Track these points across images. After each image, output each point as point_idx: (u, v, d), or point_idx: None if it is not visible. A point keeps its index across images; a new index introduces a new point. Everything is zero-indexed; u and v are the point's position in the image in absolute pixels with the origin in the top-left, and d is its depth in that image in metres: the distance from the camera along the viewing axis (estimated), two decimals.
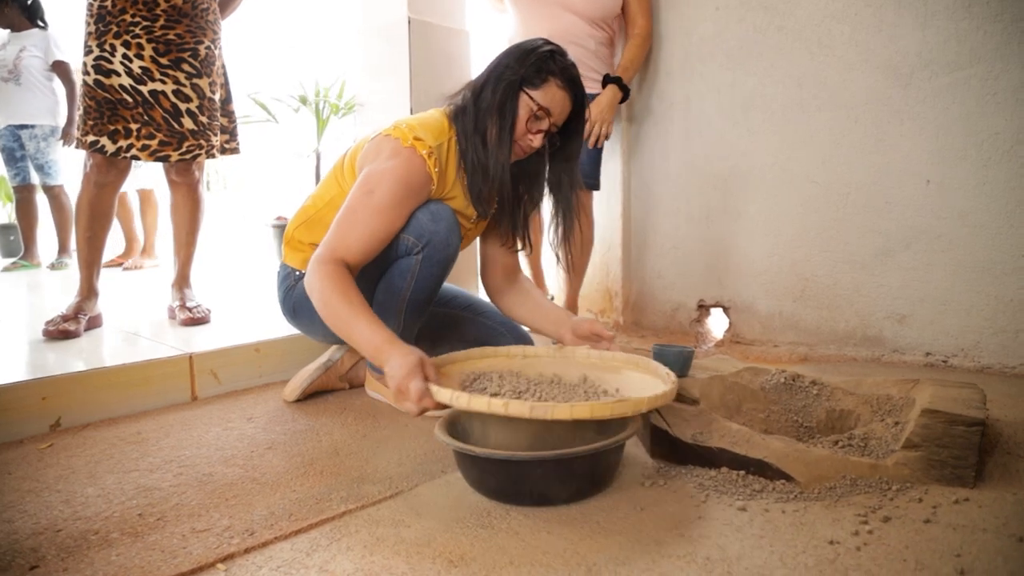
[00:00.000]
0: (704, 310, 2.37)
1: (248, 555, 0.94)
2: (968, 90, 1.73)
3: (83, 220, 1.89)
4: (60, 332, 1.81)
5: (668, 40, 2.32)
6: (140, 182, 3.89)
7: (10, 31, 3.77)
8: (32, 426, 1.41)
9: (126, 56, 1.81)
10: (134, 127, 1.84)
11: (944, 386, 1.26)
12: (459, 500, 1.08)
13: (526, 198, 1.53)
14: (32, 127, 3.82)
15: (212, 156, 2.01)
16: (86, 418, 1.48)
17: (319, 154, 2.53)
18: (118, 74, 1.82)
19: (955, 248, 1.80)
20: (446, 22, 2.22)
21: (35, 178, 3.96)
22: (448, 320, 1.72)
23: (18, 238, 4.32)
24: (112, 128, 1.82)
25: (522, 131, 1.37)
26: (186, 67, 1.88)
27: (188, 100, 1.90)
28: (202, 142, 1.95)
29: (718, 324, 2.37)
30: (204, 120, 1.94)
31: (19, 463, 1.27)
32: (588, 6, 2.13)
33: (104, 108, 1.82)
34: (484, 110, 1.37)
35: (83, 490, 1.14)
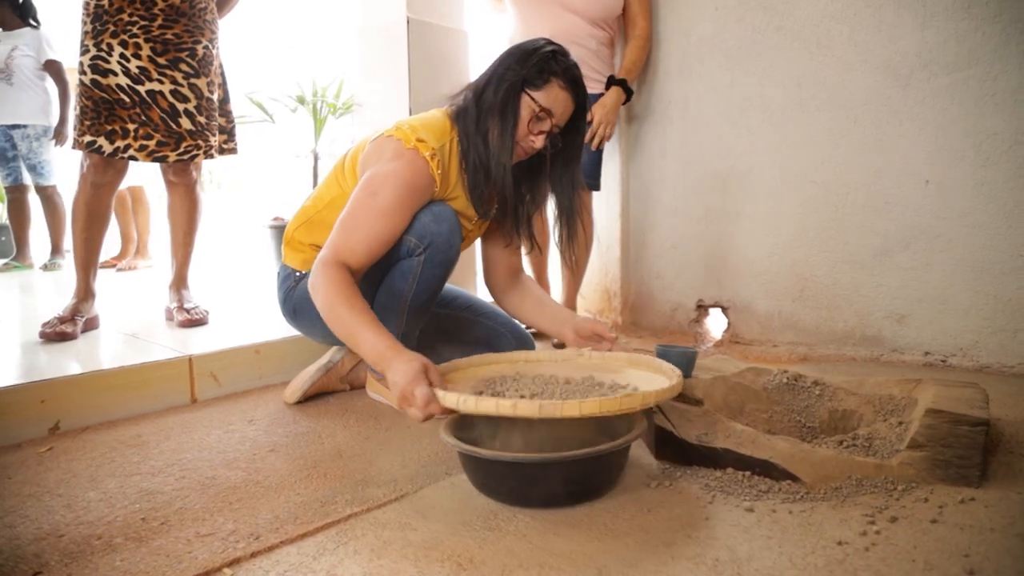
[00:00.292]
0: (703, 310, 2.37)
1: (254, 559, 0.93)
2: (967, 91, 1.74)
3: (80, 221, 1.88)
4: (57, 334, 1.79)
5: (667, 40, 2.32)
6: (129, 179, 3.85)
7: (2, 30, 3.74)
8: (31, 429, 1.39)
9: (123, 56, 1.80)
10: (131, 127, 1.83)
11: (947, 386, 1.26)
12: (465, 502, 1.08)
13: (528, 199, 1.52)
14: (24, 127, 3.79)
15: (210, 156, 2.00)
16: (85, 421, 1.46)
17: (316, 154, 2.52)
18: (115, 74, 1.80)
19: (954, 248, 1.81)
20: (445, 22, 2.22)
21: (27, 178, 3.93)
22: (449, 321, 1.72)
23: (10, 239, 4.28)
24: (109, 128, 1.81)
25: (524, 132, 1.37)
26: (184, 67, 1.87)
27: (186, 100, 1.88)
28: (200, 142, 1.94)
29: (717, 324, 2.37)
30: (202, 120, 1.93)
31: (19, 467, 1.25)
32: (589, 6, 2.12)
33: (101, 108, 1.80)
34: (486, 111, 1.37)
35: (84, 494, 1.13)
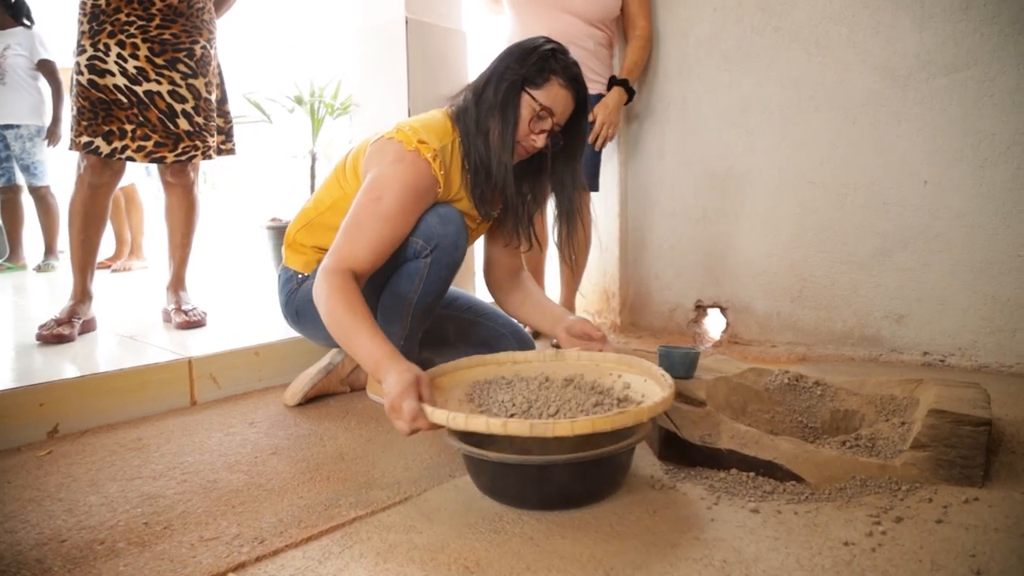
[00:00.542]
0: (701, 310, 2.37)
1: (259, 564, 0.92)
2: (965, 92, 1.75)
3: (77, 222, 1.86)
4: (54, 336, 1.78)
5: (665, 41, 2.32)
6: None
7: None
8: (30, 433, 1.38)
9: (120, 56, 1.78)
10: (129, 128, 1.81)
11: (948, 386, 1.27)
12: (469, 505, 1.08)
13: (529, 198, 1.52)
14: (17, 127, 3.76)
15: (208, 157, 1.98)
16: (84, 424, 1.45)
17: (314, 155, 2.51)
18: (112, 74, 1.79)
19: (952, 248, 1.81)
20: (443, 22, 2.21)
21: (20, 179, 3.90)
22: (451, 323, 1.72)
23: (3, 240, 4.25)
24: (107, 129, 1.79)
25: (525, 131, 1.36)
26: (182, 67, 1.86)
27: (184, 101, 1.87)
28: (198, 143, 1.92)
29: (715, 324, 2.38)
30: (200, 121, 1.92)
31: (18, 471, 1.24)
32: (586, 7, 2.12)
33: (98, 108, 1.79)
34: (486, 111, 1.36)
35: (86, 498, 1.12)
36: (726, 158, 2.22)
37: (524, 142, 1.38)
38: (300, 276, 1.54)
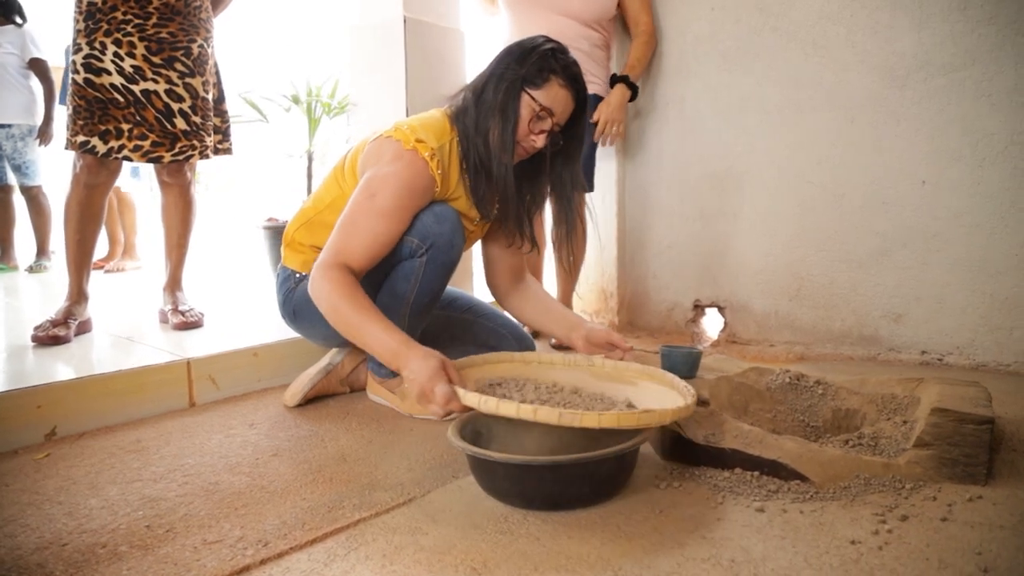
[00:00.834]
0: (699, 310, 2.38)
1: (264, 567, 0.91)
2: (963, 91, 1.76)
3: (72, 222, 1.84)
4: (50, 338, 1.76)
5: (663, 40, 2.32)
6: None
7: None
8: (27, 435, 1.36)
9: (117, 54, 1.77)
10: (126, 127, 1.80)
11: (950, 384, 1.27)
12: (474, 505, 1.07)
13: (529, 198, 1.51)
14: (8, 127, 3.72)
15: (205, 157, 1.97)
16: (82, 426, 1.44)
17: (311, 154, 2.50)
18: (109, 73, 1.77)
19: (950, 247, 1.82)
20: (442, 21, 2.20)
21: (12, 179, 3.86)
22: (450, 323, 1.71)
23: None
24: (103, 128, 1.77)
25: (524, 132, 1.36)
26: (179, 66, 1.84)
27: (181, 100, 1.86)
28: (195, 142, 1.91)
29: (713, 324, 2.38)
30: (197, 120, 1.90)
31: (16, 474, 1.23)
32: (582, 9, 2.11)
33: (95, 108, 1.77)
34: (485, 111, 1.36)
35: (86, 501, 1.11)
36: (725, 158, 2.22)
37: (524, 142, 1.37)
38: (298, 275, 1.53)
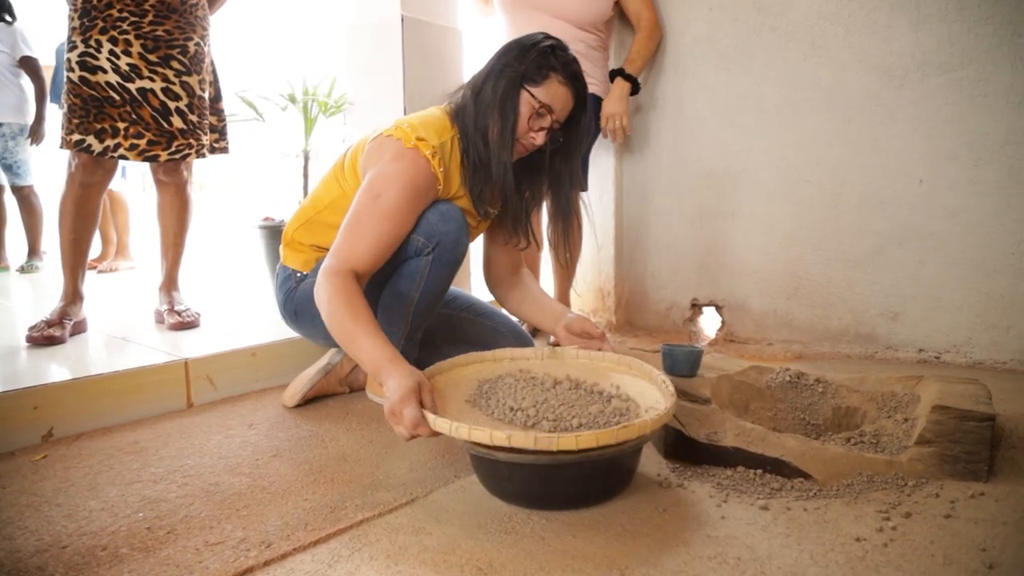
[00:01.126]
0: (697, 309, 2.38)
1: (268, 568, 0.91)
2: (960, 91, 1.77)
3: (67, 222, 1.82)
4: (45, 338, 1.74)
5: (662, 39, 2.32)
6: None
7: None
8: (24, 437, 1.35)
9: (113, 52, 1.75)
10: (121, 126, 1.78)
11: (949, 382, 1.28)
12: (477, 505, 1.07)
13: (528, 195, 1.51)
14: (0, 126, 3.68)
15: (202, 156, 1.95)
16: (79, 427, 1.42)
17: (307, 154, 2.48)
18: (104, 71, 1.75)
19: (947, 246, 1.83)
20: (440, 20, 2.20)
21: (3, 178, 3.82)
22: (449, 322, 1.70)
23: None
24: (99, 127, 1.76)
25: (524, 129, 1.36)
26: (175, 64, 1.83)
27: (177, 98, 1.84)
28: (192, 141, 1.89)
29: (711, 323, 2.39)
30: (194, 119, 1.89)
31: (13, 476, 1.21)
32: (577, 11, 2.11)
33: (90, 106, 1.75)
34: (485, 108, 1.35)
35: (85, 503, 1.10)
36: (722, 157, 2.22)
37: (523, 140, 1.37)
38: (299, 275, 1.52)
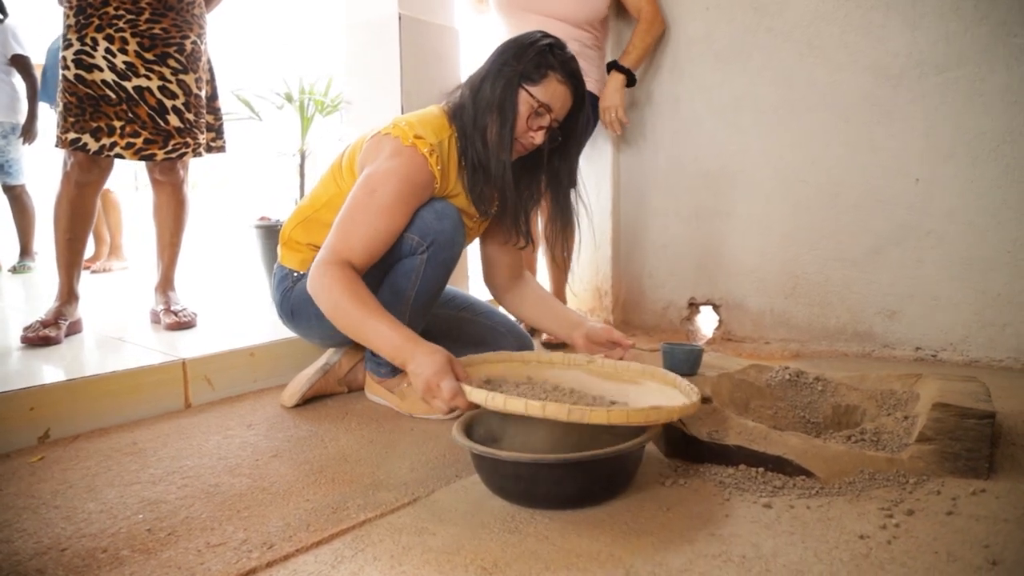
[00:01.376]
0: (694, 308, 2.39)
1: (270, 569, 0.90)
2: (956, 91, 1.78)
3: (63, 221, 1.81)
4: (40, 338, 1.72)
5: (664, 32, 2.32)
6: None
7: None
8: (20, 438, 1.34)
9: (109, 50, 1.74)
10: (118, 124, 1.77)
11: (949, 380, 1.28)
12: (480, 504, 1.06)
13: (527, 195, 1.51)
14: None
15: (198, 154, 1.94)
16: (76, 428, 1.41)
17: (303, 153, 2.47)
18: (100, 69, 1.74)
19: (944, 245, 1.84)
20: (437, 19, 2.19)
21: None
22: (448, 321, 1.70)
23: None
24: (95, 125, 1.74)
25: (523, 128, 1.36)
26: (172, 62, 1.82)
27: (174, 97, 1.83)
28: (188, 140, 1.88)
29: (708, 322, 2.39)
30: (190, 117, 1.88)
31: (10, 478, 1.20)
32: (571, 11, 2.10)
33: (86, 104, 1.74)
34: (483, 108, 1.35)
35: (84, 505, 1.09)
36: (719, 157, 2.23)
37: (522, 139, 1.37)
38: (296, 274, 1.51)
